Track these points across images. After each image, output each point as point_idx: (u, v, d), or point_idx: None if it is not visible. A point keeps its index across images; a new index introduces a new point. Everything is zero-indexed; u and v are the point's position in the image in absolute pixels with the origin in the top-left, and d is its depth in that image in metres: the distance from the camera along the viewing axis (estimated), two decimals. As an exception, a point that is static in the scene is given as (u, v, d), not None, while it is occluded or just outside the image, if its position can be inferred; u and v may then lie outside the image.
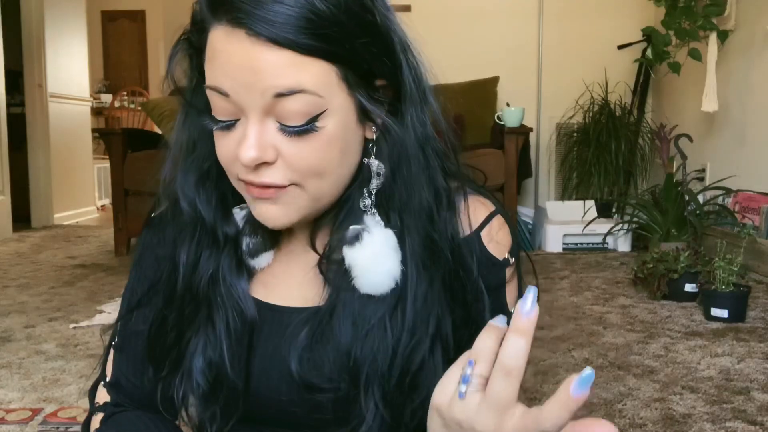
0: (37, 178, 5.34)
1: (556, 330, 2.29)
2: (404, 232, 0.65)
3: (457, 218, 0.68)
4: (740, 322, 2.35)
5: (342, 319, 0.65)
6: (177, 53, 0.65)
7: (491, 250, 0.70)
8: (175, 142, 0.70)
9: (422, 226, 0.65)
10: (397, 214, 0.66)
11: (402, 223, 0.65)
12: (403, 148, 0.65)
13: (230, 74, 0.58)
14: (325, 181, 0.62)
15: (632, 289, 2.89)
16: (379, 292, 0.64)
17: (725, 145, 3.70)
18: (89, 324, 2.45)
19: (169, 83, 0.67)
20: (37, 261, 3.80)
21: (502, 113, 3.82)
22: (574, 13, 4.69)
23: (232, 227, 0.69)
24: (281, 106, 0.58)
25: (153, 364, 0.71)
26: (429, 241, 0.65)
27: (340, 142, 0.61)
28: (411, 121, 0.65)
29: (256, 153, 0.59)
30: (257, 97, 0.58)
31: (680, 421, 1.56)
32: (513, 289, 0.72)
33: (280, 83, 0.57)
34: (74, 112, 5.82)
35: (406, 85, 0.64)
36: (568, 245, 3.97)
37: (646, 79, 4.51)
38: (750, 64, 3.46)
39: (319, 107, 0.59)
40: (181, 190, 0.69)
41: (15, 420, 1.61)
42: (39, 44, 5.27)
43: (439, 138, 0.68)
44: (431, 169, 0.66)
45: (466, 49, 4.69)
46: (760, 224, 3.08)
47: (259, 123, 0.59)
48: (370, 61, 0.61)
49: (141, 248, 0.77)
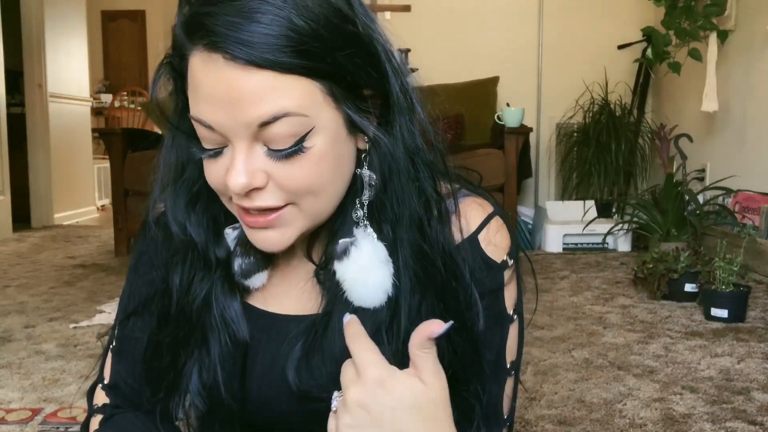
0: (37, 178, 5.34)
1: (556, 330, 2.29)
2: (396, 244, 0.64)
3: (449, 227, 0.67)
4: (740, 322, 2.35)
5: (337, 330, 0.64)
6: (159, 78, 0.64)
7: (489, 254, 0.69)
8: (163, 164, 0.69)
9: (414, 237, 0.64)
10: (390, 226, 0.65)
11: (394, 234, 0.64)
12: (394, 159, 0.63)
13: (213, 107, 0.57)
14: (320, 199, 0.61)
15: (632, 289, 2.89)
16: (370, 305, 0.64)
17: (725, 145, 3.70)
18: (89, 324, 2.45)
19: (154, 108, 0.67)
20: (37, 261, 3.80)
21: (502, 113, 3.82)
22: (574, 13, 4.69)
23: (223, 250, 0.69)
24: (267, 131, 0.57)
25: (150, 386, 0.70)
26: (421, 253, 0.64)
27: (330, 158, 0.60)
28: (400, 131, 0.64)
29: (246, 180, 0.58)
30: (241, 128, 0.57)
31: (680, 421, 1.56)
32: (512, 292, 0.71)
33: (263, 111, 0.56)
34: (74, 112, 5.82)
35: (393, 94, 0.63)
36: (568, 245, 3.96)
37: (646, 79, 4.51)
38: (750, 64, 3.46)
39: (306, 126, 0.57)
40: (172, 214, 0.68)
41: (15, 420, 1.61)
42: (39, 44, 5.27)
43: (429, 144, 0.67)
44: (421, 180, 0.65)
45: (466, 49, 4.69)
46: (760, 224, 3.08)
47: (246, 150, 0.58)
48: (354, 73, 0.59)
49: (137, 254, 0.77)
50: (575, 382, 1.80)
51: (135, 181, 3.72)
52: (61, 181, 5.53)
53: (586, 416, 1.58)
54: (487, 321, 0.67)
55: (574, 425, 1.54)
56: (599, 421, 1.56)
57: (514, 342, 0.71)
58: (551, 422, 1.55)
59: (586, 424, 1.54)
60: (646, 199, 3.78)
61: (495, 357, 0.69)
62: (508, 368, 0.71)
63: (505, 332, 0.70)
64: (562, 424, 1.55)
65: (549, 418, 1.57)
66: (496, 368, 0.69)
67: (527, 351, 2.01)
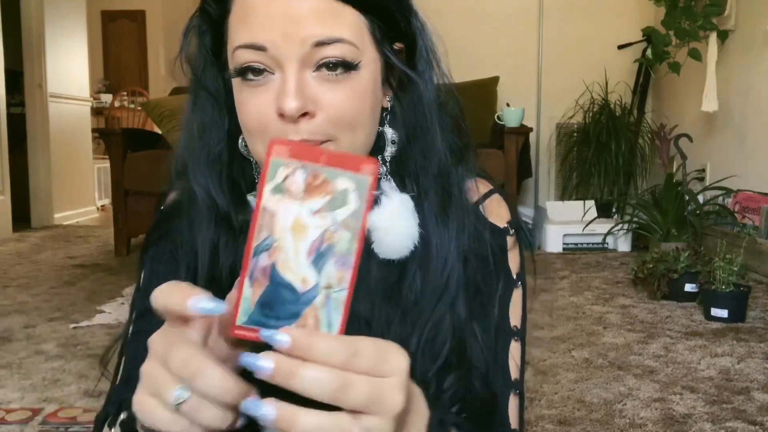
0: (37, 178, 5.34)
1: (556, 330, 2.29)
2: (421, 195, 0.66)
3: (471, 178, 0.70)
4: (740, 322, 2.35)
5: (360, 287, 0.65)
6: (192, 28, 0.65)
7: (492, 220, 0.71)
8: (184, 127, 0.69)
9: (440, 185, 0.66)
10: (413, 179, 0.66)
11: (418, 187, 0.66)
12: (420, 108, 0.66)
13: (268, 26, 0.58)
14: (357, 135, 0.62)
15: (632, 289, 2.89)
16: (398, 255, 0.64)
17: (725, 145, 3.70)
18: (89, 324, 2.45)
19: (182, 61, 0.66)
20: (37, 261, 3.80)
21: (502, 113, 3.82)
22: (574, 13, 4.69)
23: (247, 215, 0.68)
24: (320, 53, 0.58)
25: None
26: (448, 198, 0.66)
27: (371, 96, 0.62)
28: (428, 80, 0.66)
29: (299, 102, 0.58)
30: (296, 47, 0.58)
31: (680, 421, 1.56)
32: (515, 258, 0.72)
33: (320, 32, 0.57)
34: (74, 112, 5.82)
35: (422, 48, 0.66)
36: (568, 245, 3.96)
37: (646, 79, 4.51)
38: (750, 64, 3.46)
39: (356, 57, 0.59)
40: (194, 175, 0.68)
41: (15, 420, 1.61)
42: (39, 44, 5.27)
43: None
44: (445, 128, 0.68)
45: (466, 49, 4.68)
46: (760, 224, 3.08)
47: (297, 74, 0.59)
48: (396, 19, 0.62)
49: (153, 243, 0.74)
50: (575, 382, 1.80)
51: (135, 181, 3.72)
52: (61, 181, 5.53)
53: (586, 416, 1.58)
54: (489, 290, 0.68)
55: (574, 425, 1.54)
56: (599, 421, 1.56)
57: (518, 307, 0.72)
58: (551, 422, 1.55)
59: (586, 424, 1.54)
60: (646, 199, 3.78)
61: (499, 318, 0.69)
62: (513, 331, 0.70)
63: (508, 294, 0.71)
64: (562, 424, 1.55)
65: (549, 418, 1.57)
66: (500, 329, 0.69)
67: (527, 351, 2.00)
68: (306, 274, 0.41)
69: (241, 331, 0.42)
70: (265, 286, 0.42)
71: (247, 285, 0.42)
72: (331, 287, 0.41)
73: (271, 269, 0.42)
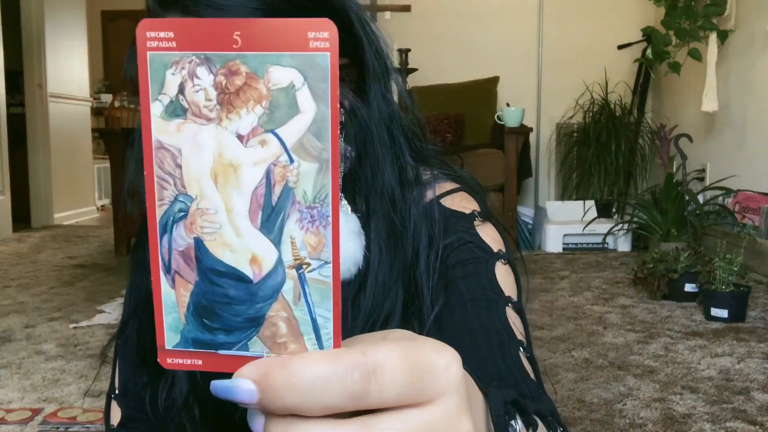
0: (37, 178, 5.34)
1: (556, 330, 2.29)
2: (370, 215, 0.64)
3: (424, 195, 0.66)
4: (740, 322, 2.35)
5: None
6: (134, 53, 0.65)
7: (456, 208, 0.68)
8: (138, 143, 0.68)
9: (386, 208, 0.64)
10: (363, 198, 0.64)
11: (368, 206, 0.64)
12: (369, 128, 0.63)
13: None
14: None
15: (632, 289, 2.89)
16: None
17: (725, 145, 3.70)
18: (89, 324, 2.44)
19: (129, 85, 0.67)
20: (37, 261, 3.80)
21: (502, 113, 3.82)
22: (574, 13, 4.69)
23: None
24: None
25: (147, 369, 0.69)
26: (391, 224, 0.64)
27: None
28: (375, 98, 0.63)
29: None
30: None
31: (680, 421, 1.56)
32: (492, 234, 0.69)
33: None
34: (74, 112, 5.83)
35: (368, 61, 0.62)
36: (568, 245, 3.96)
37: (646, 79, 4.51)
38: (750, 64, 3.46)
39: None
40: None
41: (15, 420, 1.61)
42: (39, 44, 5.27)
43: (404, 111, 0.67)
44: (397, 147, 0.65)
45: (466, 49, 4.69)
46: (760, 224, 3.08)
47: None
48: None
49: (141, 245, 0.76)
50: (575, 382, 1.80)
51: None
52: (61, 181, 5.53)
53: (586, 416, 1.58)
54: (465, 260, 0.65)
55: (574, 425, 1.54)
56: (599, 421, 1.56)
57: (507, 278, 0.67)
58: (551, 422, 1.55)
59: (586, 424, 1.54)
60: (646, 199, 3.78)
61: (487, 284, 0.65)
62: (507, 297, 0.66)
63: (491, 265, 0.66)
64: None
65: (549, 418, 1.57)
66: (492, 297, 0.65)
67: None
68: (256, 248, 0.25)
69: (176, 359, 0.26)
70: (193, 280, 0.25)
71: (166, 284, 0.26)
72: (303, 262, 0.25)
73: (197, 250, 0.25)
